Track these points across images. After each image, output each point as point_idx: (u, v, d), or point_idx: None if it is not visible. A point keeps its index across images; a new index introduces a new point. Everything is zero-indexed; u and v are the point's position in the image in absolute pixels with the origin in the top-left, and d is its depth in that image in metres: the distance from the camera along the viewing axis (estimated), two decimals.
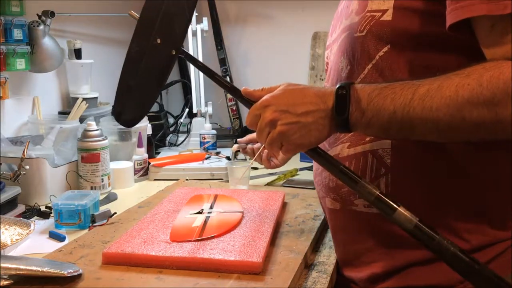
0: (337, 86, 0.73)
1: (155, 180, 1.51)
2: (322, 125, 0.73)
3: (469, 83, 0.63)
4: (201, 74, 1.91)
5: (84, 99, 1.56)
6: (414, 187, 0.79)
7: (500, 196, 0.77)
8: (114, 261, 0.83)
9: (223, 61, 2.03)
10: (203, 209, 1.02)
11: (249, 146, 1.34)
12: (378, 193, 0.71)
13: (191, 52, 1.94)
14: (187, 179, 1.47)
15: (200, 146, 1.76)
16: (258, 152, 1.25)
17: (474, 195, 0.77)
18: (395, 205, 0.70)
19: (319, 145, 0.78)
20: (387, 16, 0.76)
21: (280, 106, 0.74)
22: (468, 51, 0.71)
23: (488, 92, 0.62)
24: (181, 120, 1.97)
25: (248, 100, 0.81)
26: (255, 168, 1.58)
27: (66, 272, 0.76)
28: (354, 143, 0.83)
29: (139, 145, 1.53)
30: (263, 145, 1.31)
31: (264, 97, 0.77)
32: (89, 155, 1.35)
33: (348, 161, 0.83)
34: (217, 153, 1.69)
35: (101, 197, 1.27)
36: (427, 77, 0.68)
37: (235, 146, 1.33)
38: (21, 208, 1.16)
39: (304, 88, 0.76)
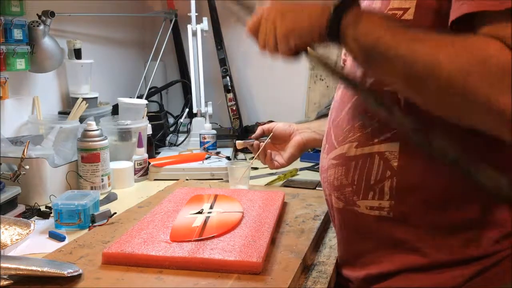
0: None
1: (155, 180, 1.51)
2: (315, 19, 0.71)
3: (455, 42, 0.62)
4: (201, 74, 1.91)
5: (84, 99, 1.56)
6: (419, 192, 0.78)
7: (507, 205, 0.77)
8: (114, 261, 0.83)
9: (223, 61, 2.03)
10: (203, 209, 1.02)
11: (255, 142, 1.33)
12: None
13: (190, 52, 1.94)
14: (187, 179, 1.47)
15: (200, 146, 1.76)
16: (258, 151, 1.25)
17: (481, 205, 0.77)
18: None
19: (330, 145, 0.75)
20: (408, 15, 0.75)
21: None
22: None
23: (467, 59, 0.61)
24: (181, 120, 1.97)
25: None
26: (255, 168, 1.58)
27: (66, 272, 0.76)
28: (362, 143, 0.82)
29: (139, 145, 1.53)
30: (265, 142, 1.32)
31: None
32: (89, 155, 1.35)
33: (354, 161, 0.83)
34: (217, 153, 1.69)
35: (101, 197, 1.27)
36: None
37: (241, 142, 1.32)
38: (21, 208, 1.16)
39: None
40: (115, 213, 1.13)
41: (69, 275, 0.76)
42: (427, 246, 0.78)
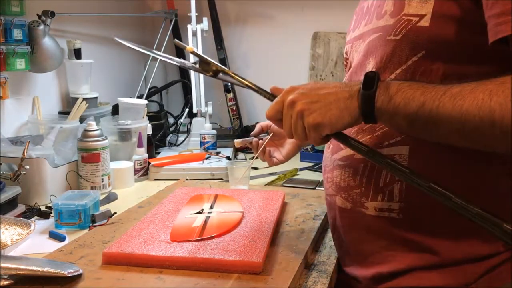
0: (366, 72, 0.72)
1: (155, 180, 1.51)
2: (344, 104, 0.72)
3: (504, 90, 0.62)
4: (201, 74, 1.91)
5: (84, 99, 1.56)
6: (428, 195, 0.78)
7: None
8: (114, 261, 0.83)
9: (223, 61, 2.03)
10: (203, 209, 1.03)
11: (254, 139, 1.33)
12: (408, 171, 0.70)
13: None
14: (187, 179, 1.47)
15: (200, 146, 1.76)
16: (259, 149, 1.25)
17: (490, 205, 0.77)
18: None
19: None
20: (425, 22, 0.75)
21: (303, 90, 0.75)
22: (504, 63, 0.70)
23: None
24: (181, 120, 1.97)
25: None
26: (255, 168, 1.58)
27: (66, 272, 0.76)
28: (371, 146, 0.82)
29: (139, 145, 1.53)
30: (266, 140, 1.32)
31: (289, 86, 0.77)
32: (89, 155, 1.35)
33: (363, 163, 0.83)
34: (217, 153, 1.69)
35: (101, 197, 1.27)
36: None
37: (239, 140, 1.32)
38: (21, 208, 1.16)
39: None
40: (115, 213, 1.14)
41: (69, 275, 0.76)
42: (437, 245, 0.78)
